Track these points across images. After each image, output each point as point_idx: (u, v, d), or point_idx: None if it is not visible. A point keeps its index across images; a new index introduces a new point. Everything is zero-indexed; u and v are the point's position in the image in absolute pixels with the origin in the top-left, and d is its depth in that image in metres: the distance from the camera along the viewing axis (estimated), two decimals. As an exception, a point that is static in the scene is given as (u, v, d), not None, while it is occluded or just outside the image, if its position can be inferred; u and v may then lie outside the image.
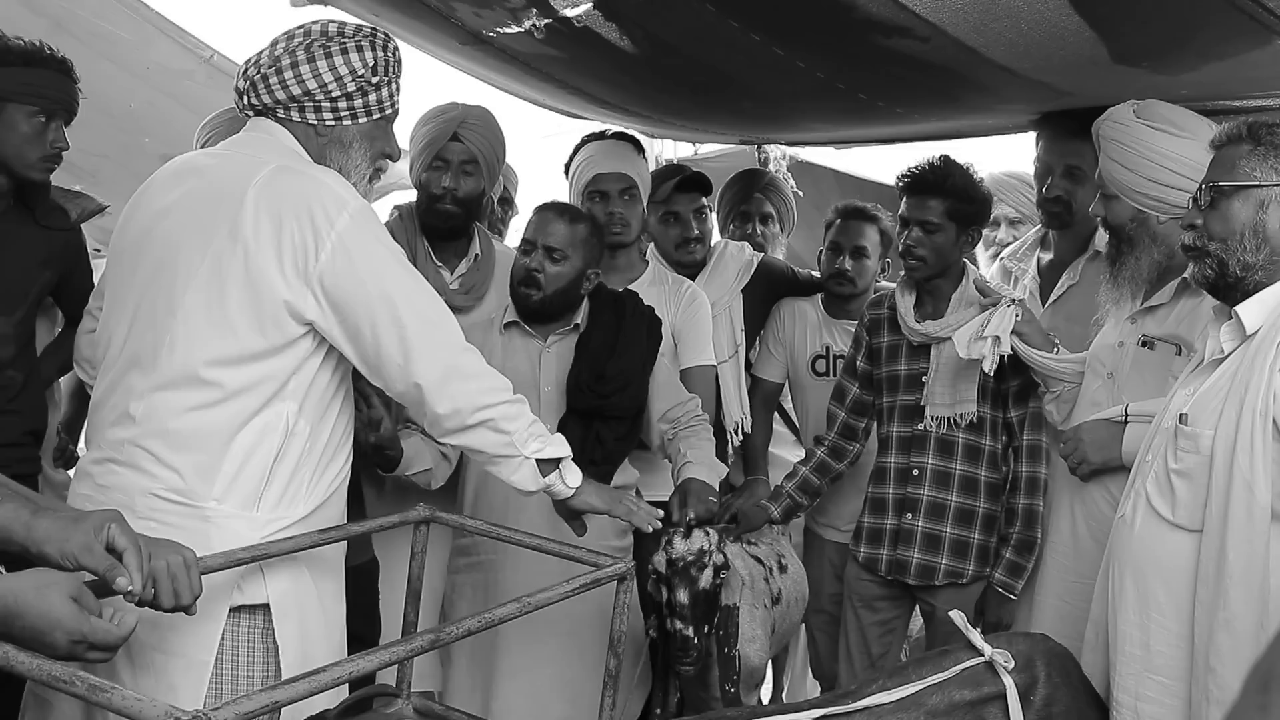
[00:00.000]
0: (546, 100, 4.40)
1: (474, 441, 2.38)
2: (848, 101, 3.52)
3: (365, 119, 2.40)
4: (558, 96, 4.16)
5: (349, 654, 2.19)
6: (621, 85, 3.80)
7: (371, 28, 2.45)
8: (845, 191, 5.03)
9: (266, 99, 2.35)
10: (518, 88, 4.26)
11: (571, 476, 2.49)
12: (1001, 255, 3.91)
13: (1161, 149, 2.83)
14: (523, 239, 3.19)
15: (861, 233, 3.85)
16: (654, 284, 3.60)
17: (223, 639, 2.23)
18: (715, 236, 4.16)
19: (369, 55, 2.36)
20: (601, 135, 3.75)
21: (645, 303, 3.31)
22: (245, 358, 2.22)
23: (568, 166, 3.76)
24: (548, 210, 3.20)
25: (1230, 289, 2.37)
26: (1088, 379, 3.00)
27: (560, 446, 2.45)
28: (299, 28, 2.39)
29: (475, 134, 3.52)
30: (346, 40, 2.35)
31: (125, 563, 1.74)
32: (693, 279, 3.78)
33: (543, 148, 4.99)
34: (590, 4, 2.92)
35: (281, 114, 2.37)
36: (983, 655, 2.41)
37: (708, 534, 2.89)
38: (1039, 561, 3.13)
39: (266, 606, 2.28)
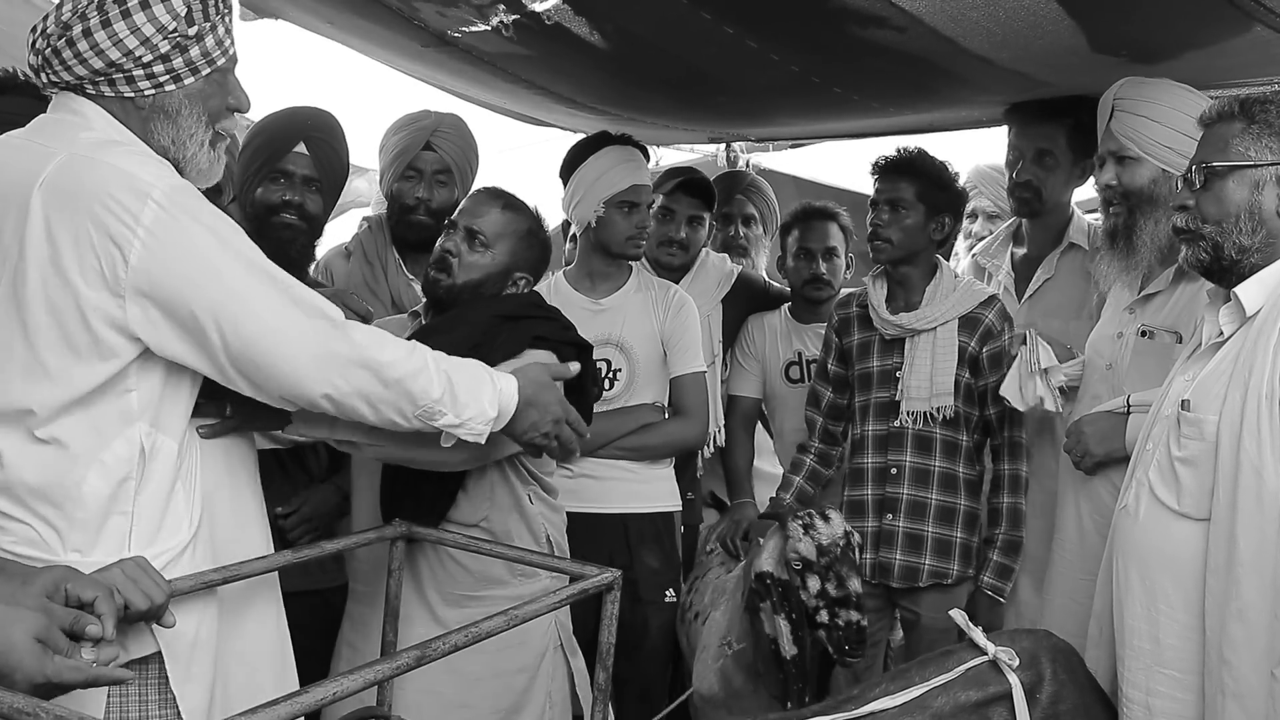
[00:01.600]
0: (510, 105, 4.34)
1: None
2: (822, 95, 3.47)
3: (192, 78, 2.02)
4: (524, 99, 4.09)
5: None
6: (591, 83, 3.73)
7: None
8: (805, 197, 4.98)
9: (67, 75, 1.99)
10: (480, 93, 4.19)
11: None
12: (974, 251, 3.86)
13: (1192, 102, 2.80)
14: (447, 220, 2.86)
15: (828, 233, 3.81)
16: (640, 290, 3.51)
17: (110, 695, 1.93)
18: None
19: (178, 3, 1.97)
20: (611, 139, 3.53)
21: (550, 317, 2.83)
22: (69, 402, 1.92)
23: (568, 169, 3.52)
24: (483, 193, 2.87)
25: (1225, 272, 2.33)
26: (1087, 372, 2.96)
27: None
28: None
29: (449, 143, 3.44)
30: None
31: (97, 609, 1.64)
32: (675, 283, 3.71)
33: (499, 161, 4.92)
34: (559, -2, 2.85)
35: (90, 89, 2.00)
36: (986, 654, 2.36)
37: (839, 512, 2.80)
38: (1048, 559, 3.06)
39: (159, 655, 1.98)
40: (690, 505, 3.76)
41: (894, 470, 3.24)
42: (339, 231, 5.66)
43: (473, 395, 2.20)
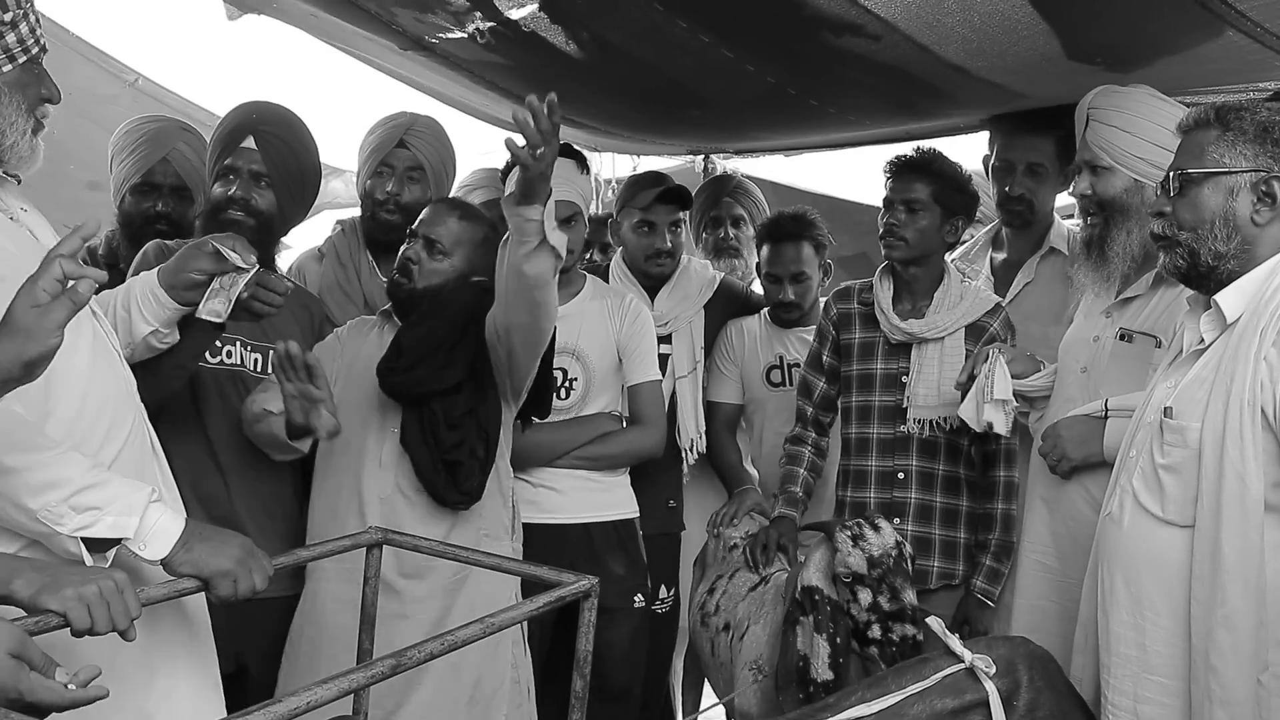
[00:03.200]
0: (490, 110, 4.32)
1: None
2: (799, 108, 3.48)
3: (9, 66, 2.00)
4: (501, 107, 4.07)
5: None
6: (567, 92, 3.70)
7: None
8: (782, 203, 4.96)
9: None
10: (462, 95, 4.17)
11: (154, 546, 1.98)
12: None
13: (1164, 111, 2.80)
14: (409, 230, 2.96)
15: (796, 256, 3.75)
16: (595, 297, 3.49)
17: None
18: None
19: None
20: None
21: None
22: None
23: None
24: (441, 203, 3.02)
25: (1203, 278, 2.33)
26: (1060, 375, 2.96)
27: (125, 518, 1.92)
28: None
29: (423, 141, 3.43)
30: None
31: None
32: (656, 291, 3.73)
33: (480, 164, 4.90)
34: (535, 5, 2.84)
35: None
36: (963, 661, 2.34)
37: (887, 521, 2.75)
38: (1013, 565, 3.07)
39: None
40: (673, 513, 3.74)
41: (901, 475, 3.22)
42: (313, 233, 5.63)
43: (116, 493, 1.94)
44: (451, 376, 2.79)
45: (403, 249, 2.91)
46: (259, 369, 2.94)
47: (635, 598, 3.42)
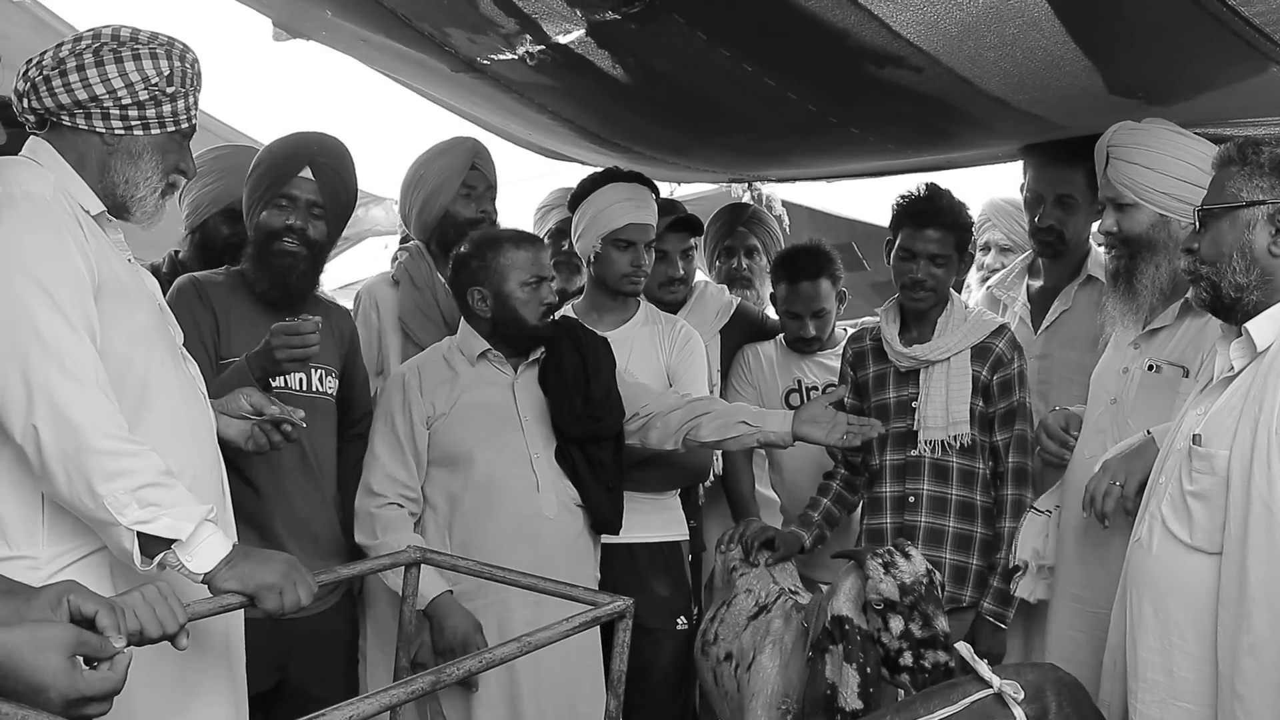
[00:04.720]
0: (533, 136, 4.37)
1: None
2: (839, 135, 3.49)
3: (159, 130, 2.25)
4: (548, 131, 4.13)
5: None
6: (612, 116, 3.76)
7: (169, 36, 2.29)
8: (819, 229, 4.98)
9: (49, 102, 2.19)
10: (506, 120, 4.22)
11: (200, 559, 2.07)
12: (989, 283, 3.87)
13: (1187, 147, 2.83)
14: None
15: (815, 294, 3.76)
16: (648, 323, 3.54)
17: None
18: (699, 276, 4.11)
19: (164, 64, 2.23)
20: (619, 175, 3.60)
21: (598, 335, 3.31)
22: None
23: (575, 201, 3.61)
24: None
25: (1228, 310, 2.36)
26: (1091, 405, 2.97)
27: (181, 523, 2.04)
28: (88, 30, 2.24)
29: (486, 164, 3.55)
30: (140, 46, 2.22)
31: (100, 625, 1.65)
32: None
33: (513, 191, 4.96)
34: (583, 31, 2.89)
35: (67, 120, 2.21)
36: (991, 687, 2.35)
37: (916, 549, 2.78)
38: (1049, 592, 3.06)
39: None
40: (693, 533, 3.72)
41: (912, 499, 3.25)
42: (357, 261, 5.66)
43: (179, 499, 2.07)
44: (618, 424, 3.17)
45: (549, 298, 3.11)
46: (303, 388, 2.98)
47: (678, 620, 3.43)
